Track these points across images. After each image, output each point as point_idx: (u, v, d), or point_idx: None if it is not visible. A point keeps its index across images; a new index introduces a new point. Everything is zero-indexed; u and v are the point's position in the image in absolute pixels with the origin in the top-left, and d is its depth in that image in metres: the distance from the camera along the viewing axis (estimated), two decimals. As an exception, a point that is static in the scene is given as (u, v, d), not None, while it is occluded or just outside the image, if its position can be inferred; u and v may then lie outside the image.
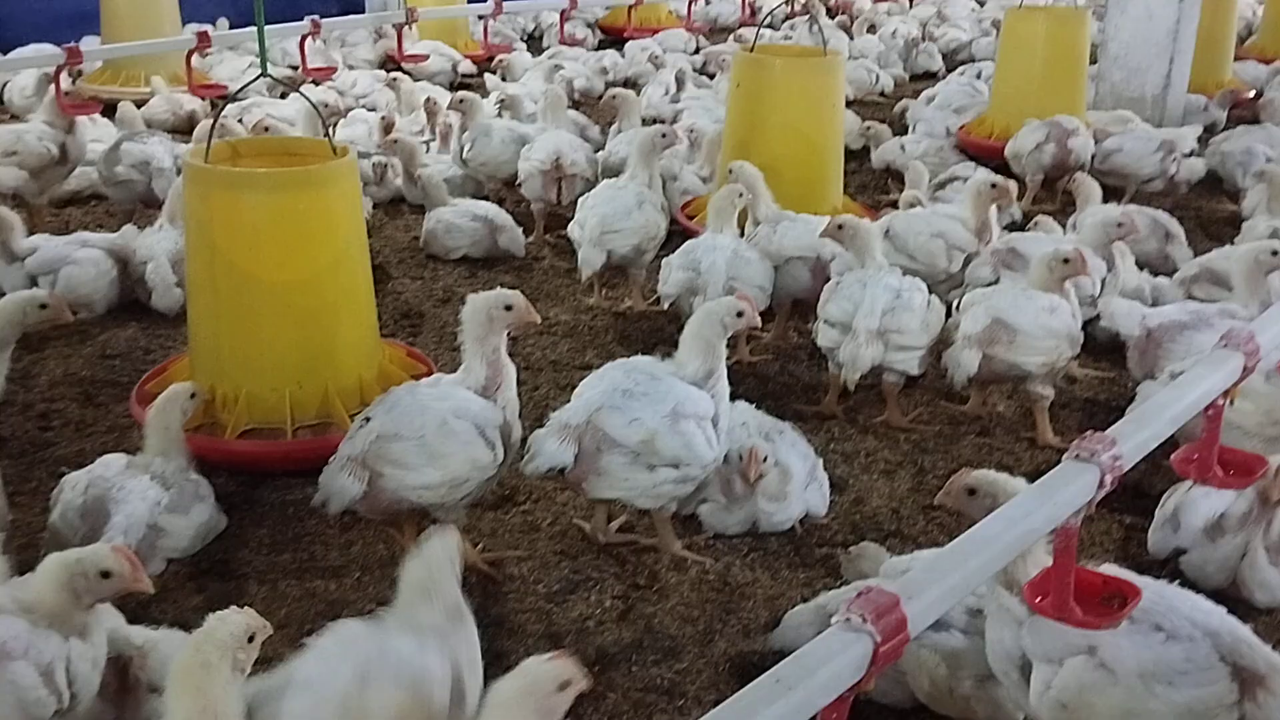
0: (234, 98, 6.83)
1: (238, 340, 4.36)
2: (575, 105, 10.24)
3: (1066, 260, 4.70)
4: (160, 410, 3.89)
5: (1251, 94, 10.61)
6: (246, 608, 2.59)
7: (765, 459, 4.01)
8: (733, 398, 4.11)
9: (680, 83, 9.97)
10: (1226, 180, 8.00)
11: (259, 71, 4.89)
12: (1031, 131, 7.90)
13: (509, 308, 3.90)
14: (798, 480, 4.09)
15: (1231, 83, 10.51)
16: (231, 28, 11.16)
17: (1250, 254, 4.76)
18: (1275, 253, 4.70)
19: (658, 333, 5.82)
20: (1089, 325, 5.29)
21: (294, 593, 3.81)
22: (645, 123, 7.91)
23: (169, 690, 2.47)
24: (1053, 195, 7.97)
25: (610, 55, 11.83)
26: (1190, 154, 7.85)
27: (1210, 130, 9.22)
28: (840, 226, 5.00)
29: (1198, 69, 9.54)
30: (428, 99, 8.52)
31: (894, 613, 2.13)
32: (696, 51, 12.54)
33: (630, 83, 11.22)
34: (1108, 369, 5.49)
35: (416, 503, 3.74)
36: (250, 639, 2.55)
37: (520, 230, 6.90)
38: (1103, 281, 5.24)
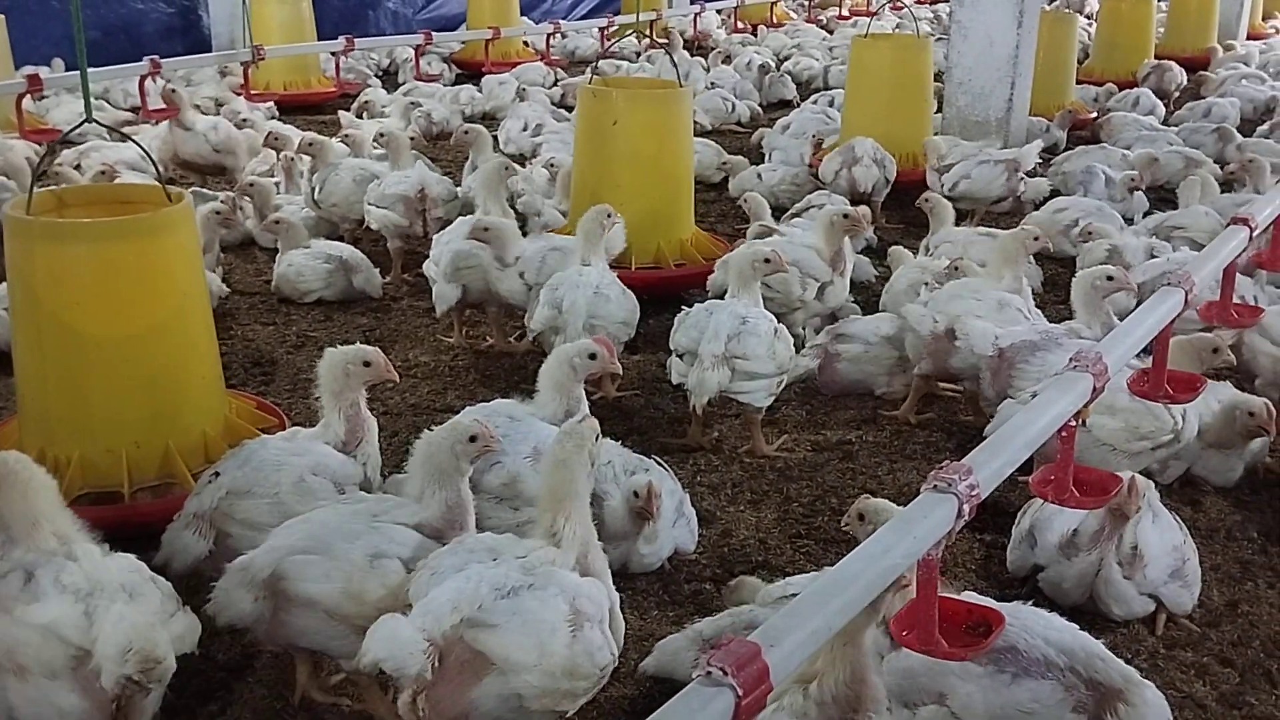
0: (57, 146, 6.53)
1: (68, 400, 4.11)
2: (434, 140, 10.12)
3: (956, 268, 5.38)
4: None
5: (1092, 114, 11.05)
6: None
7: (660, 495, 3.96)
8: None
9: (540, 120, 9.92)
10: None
11: (86, 117, 4.65)
12: (830, 159, 8.06)
13: (367, 364, 3.87)
14: (666, 518, 4.03)
15: (1072, 104, 10.93)
16: (68, 69, 10.73)
17: (1087, 279, 4.91)
18: (1110, 278, 4.85)
19: (520, 370, 5.72)
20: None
21: (135, 665, 3.58)
22: (511, 159, 7.84)
23: None
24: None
25: (467, 90, 11.73)
26: (1033, 174, 8.12)
27: (1052, 151, 9.57)
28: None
29: (1040, 93, 9.91)
30: (269, 134, 8.28)
31: (755, 663, 2.06)
32: (555, 85, 12.52)
33: (488, 117, 11.15)
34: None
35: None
36: None
37: (377, 271, 6.74)
38: None
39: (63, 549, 3.00)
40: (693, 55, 13.93)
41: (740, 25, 17.62)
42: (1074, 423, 3.23)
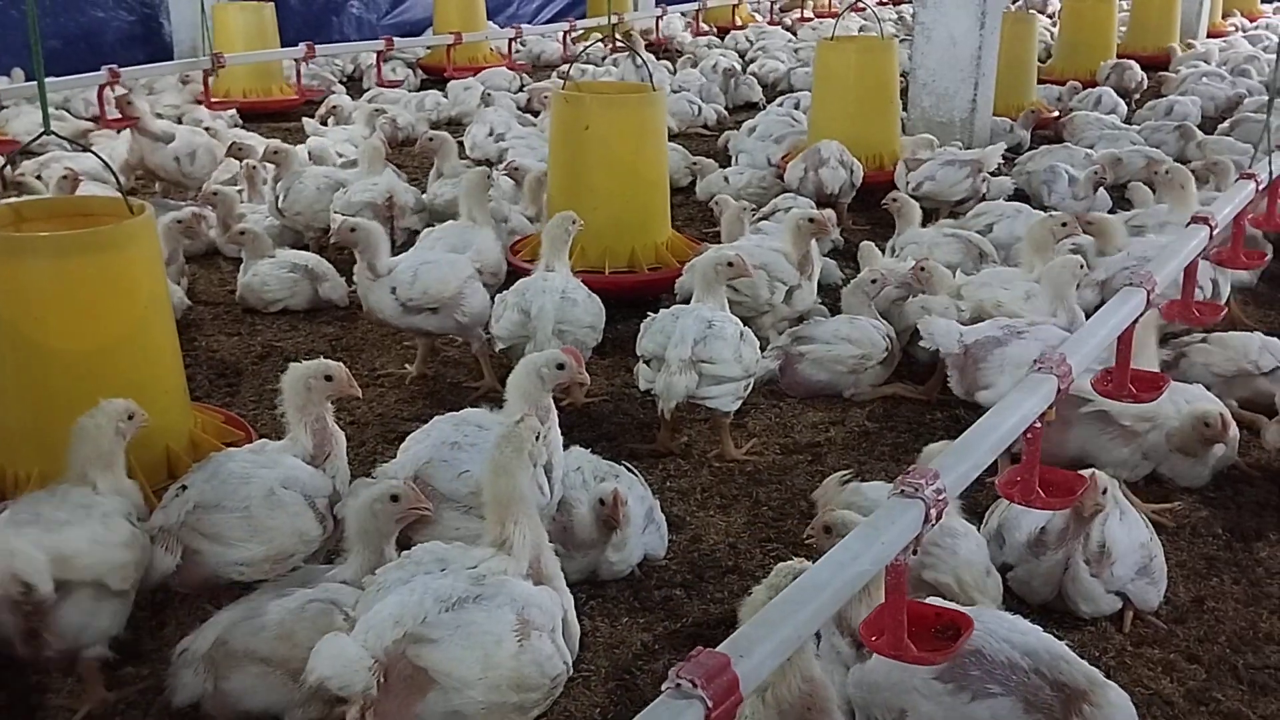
0: (13, 160, 6.45)
1: (29, 416, 4.05)
2: (399, 147, 10.08)
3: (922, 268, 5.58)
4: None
5: (1054, 114, 11.13)
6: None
7: (626, 502, 3.95)
8: (567, 443, 4.05)
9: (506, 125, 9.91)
10: (1033, 197, 8.34)
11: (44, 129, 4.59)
12: (797, 163, 8.09)
13: (329, 378, 3.86)
14: (635, 525, 4.03)
15: (1034, 104, 11.01)
16: (28, 79, 10.61)
17: (1059, 265, 4.98)
18: (1064, 224, 4.93)
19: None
20: (910, 345, 5.53)
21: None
22: (478, 164, 7.83)
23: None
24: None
25: (433, 96, 11.69)
26: (997, 172, 8.17)
27: (1015, 150, 9.64)
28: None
29: (1003, 93, 9.97)
30: (232, 144, 8.22)
31: (725, 674, 2.06)
32: (521, 89, 12.50)
33: (454, 123, 11.12)
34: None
35: (236, 579, 3.57)
36: (130, 417, 3.59)
37: (343, 280, 6.69)
38: None
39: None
40: (659, 58, 13.95)
41: (704, 28, 17.63)
42: (1039, 424, 3.25)
